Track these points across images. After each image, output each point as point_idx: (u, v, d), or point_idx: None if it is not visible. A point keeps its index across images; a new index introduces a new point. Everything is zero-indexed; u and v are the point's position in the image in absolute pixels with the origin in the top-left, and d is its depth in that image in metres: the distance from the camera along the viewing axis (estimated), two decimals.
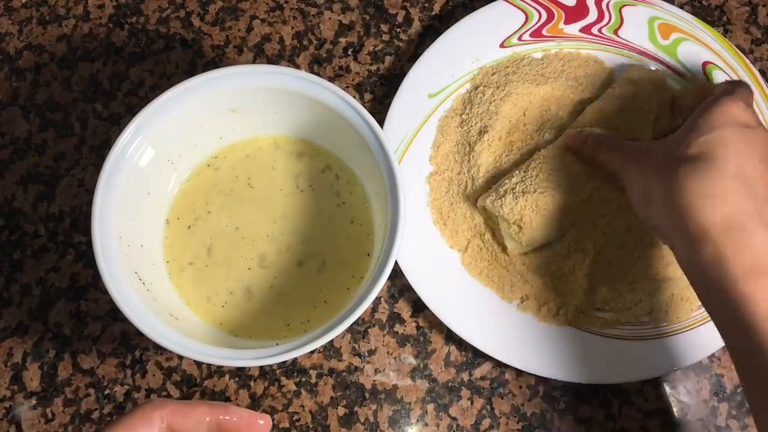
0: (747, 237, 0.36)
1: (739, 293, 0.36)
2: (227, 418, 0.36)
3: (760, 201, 0.37)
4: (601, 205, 0.50)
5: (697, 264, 0.38)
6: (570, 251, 0.50)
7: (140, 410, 0.34)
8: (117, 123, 0.56)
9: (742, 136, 0.39)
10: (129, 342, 0.51)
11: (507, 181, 0.49)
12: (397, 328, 0.52)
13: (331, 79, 0.56)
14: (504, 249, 0.50)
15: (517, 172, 0.49)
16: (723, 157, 0.38)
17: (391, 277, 0.51)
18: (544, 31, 0.54)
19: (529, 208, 0.47)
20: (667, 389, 0.50)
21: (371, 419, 0.50)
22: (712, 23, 0.58)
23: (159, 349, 0.51)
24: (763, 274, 0.36)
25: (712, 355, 0.50)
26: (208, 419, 0.35)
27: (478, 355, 0.51)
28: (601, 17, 0.54)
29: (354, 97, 0.51)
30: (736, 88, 0.42)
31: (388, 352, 0.51)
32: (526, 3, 0.54)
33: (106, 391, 0.51)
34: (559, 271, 0.50)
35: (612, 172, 0.46)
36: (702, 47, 0.54)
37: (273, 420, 0.50)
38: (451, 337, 0.51)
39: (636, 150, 0.45)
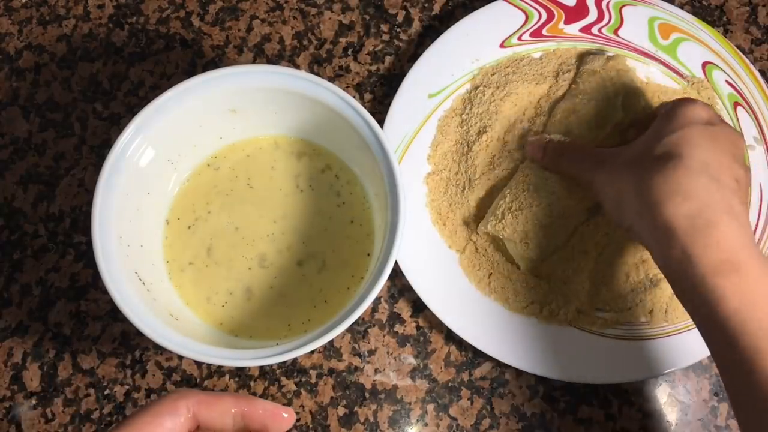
0: (712, 233, 0.37)
1: (708, 290, 0.37)
2: (252, 410, 0.36)
3: (727, 192, 0.38)
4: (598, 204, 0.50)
5: (668, 262, 0.39)
6: (574, 254, 0.50)
7: (166, 399, 0.34)
8: (117, 123, 0.56)
9: (706, 132, 0.40)
10: (129, 342, 0.51)
11: (501, 202, 0.49)
12: (397, 328, 0.52)
13: (331, 79, 0.56)
14: (509, 260, 0.50)
15: (508, 190, 0.49)
16: (687, 155, 0.39)
17: (391, 277, 0.51)
18: (544, 31, 0.54)
19: (531, 223, 0.47)
20: (667, 389, 0.50)
21: (371, 419, 0.50)
22: (712, 23, 0.58)
23: (159, 349, 0.51)
24: (729, 270, 0.37)
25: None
26: (233, 411, 0.35)
27: (478, 355, 0.51)
28: (601, 17, 0.54)
29: (354, 97, 0.51)
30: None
31: (388, 352, 0.51)
32: (526, 3, 0.54)
33: (106, 391, 0.51)
34: (563, 275, 0.50)
35: (578, 180, 0.46)
36: (702, 47, 0.54)
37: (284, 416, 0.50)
38: (451, 337, 0.51)
39: (600, 158, 0.45)
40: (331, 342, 0.51)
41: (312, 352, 0.51)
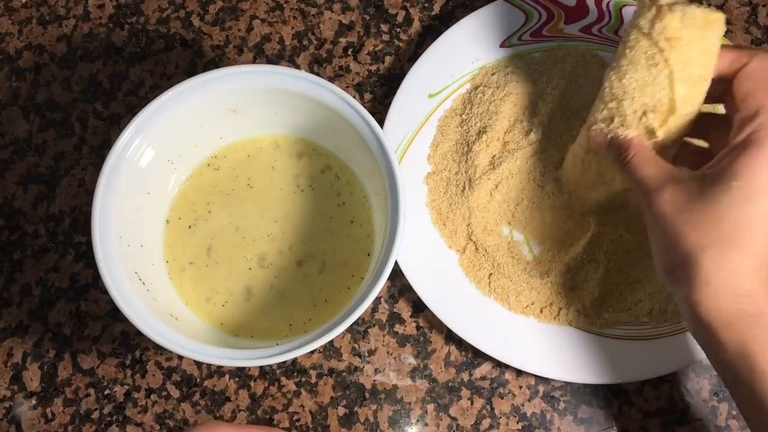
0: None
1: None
2: None
3: None
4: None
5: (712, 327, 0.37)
6: (584, 262, 0.49)
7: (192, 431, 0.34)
8: (117, 123, 0.56)
9: None
10: (129, 342, 0.51)
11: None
12: (397, 328, 0.52)
13: (331, 79, 0.56)
14: (511, 256, 0.50)
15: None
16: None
17: (391, 277, 0.51)
18: (544, 31, 0.54)
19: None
20: (667, 389, 0.50)
21: (371, 419, 0.50)
22: None
23: (159, 349, 0.51)
24: None
25: None
26: None
27: (478, 355, 0.51)
28: (601, 17, 0.54)
29: (354, 97, 0.51)
30: None
31: (388, 352, 0.51)
32: (526, 3, 0.54)
33: (106, 391, 0.51)
34: (571, 282, 0.49)
35: (630, 186, 0.42)
36: None
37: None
38: (451, 337, 0.51)
39: (670, 176, 0.38)
40: (331, 342, 0.51)
41: (312, 352, 0.51)
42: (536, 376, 0.50)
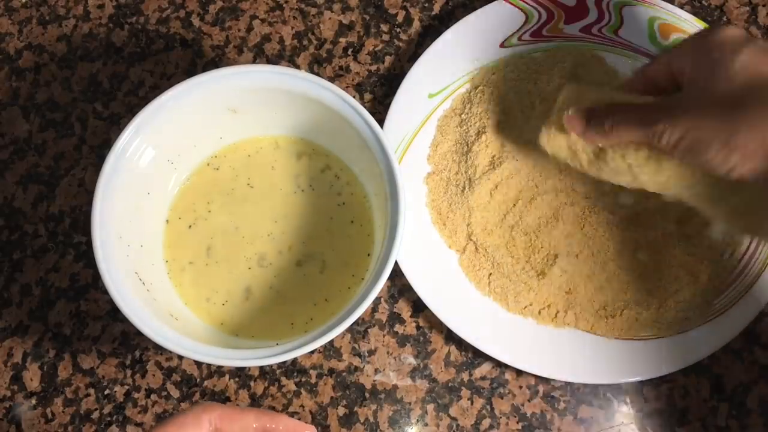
0: None
1: None
2: (274, 426, 0.37)
3: None
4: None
5: None
6: (579, 264, 0.49)
7: (191, 412, 0.35)
8: (117, 123, 0.56)
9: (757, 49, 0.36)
10: (129, 342, 0.51)
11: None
12: (397, 328, 0.52)
13: (331, 79, 0.56)
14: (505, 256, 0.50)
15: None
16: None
17: (391, 277, 0.51)
18: (544, 31, 0.54)
19: None
20: (667, 389, 0.50)
21: (371, 419, 0.50)
22: (712, 23, 0.58)
23: (159, 349, 0.51)
24: None
25: (712, 355, 0.50)
26: (255, 426, 0.36)
27: (478, 355, 0.51)
28: (601, 17, 0.54)
29: (354, 97, 0.51)
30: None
31: (388, 352, 0.51)
32: (526, 3, 0.54)
33: (106, 391, 0.51)
34: (571, 283, 0.49)
35: (642, 143, 0.40)
36: None
37: None
38: (451, 337, 0.51)
39: (665, 105, 0.39)
40: (331, 342, 0.51)
41: (312, 352, 0.51)
42: (536, 376, 0.50)
